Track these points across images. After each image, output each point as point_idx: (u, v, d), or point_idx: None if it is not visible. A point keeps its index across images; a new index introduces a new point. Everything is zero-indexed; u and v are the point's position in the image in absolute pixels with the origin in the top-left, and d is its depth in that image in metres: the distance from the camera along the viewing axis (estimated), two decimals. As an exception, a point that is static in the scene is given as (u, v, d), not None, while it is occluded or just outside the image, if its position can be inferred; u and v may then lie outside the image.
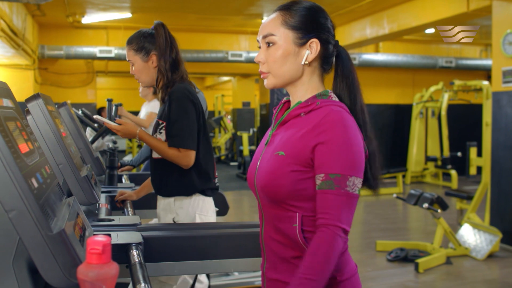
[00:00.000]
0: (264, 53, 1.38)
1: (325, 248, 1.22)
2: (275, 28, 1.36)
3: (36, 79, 9.17)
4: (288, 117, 1.38)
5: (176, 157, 2.25)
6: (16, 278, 0.95)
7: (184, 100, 2.28)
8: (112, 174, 2.90)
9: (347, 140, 1.26)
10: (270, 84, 1.39)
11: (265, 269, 1.42)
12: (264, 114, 10.93)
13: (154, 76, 2.39)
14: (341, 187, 1.23)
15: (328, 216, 1.23)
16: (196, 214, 2.32)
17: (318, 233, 1.24)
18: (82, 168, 1.93)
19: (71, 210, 1.16)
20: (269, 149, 1.38)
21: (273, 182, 1.30)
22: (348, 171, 1.24)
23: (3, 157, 0.90)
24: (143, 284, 1.18)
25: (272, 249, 1.38)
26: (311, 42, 1.35)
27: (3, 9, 5.85)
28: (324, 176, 1.24)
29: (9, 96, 1.20)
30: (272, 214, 1.36)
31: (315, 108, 1.33)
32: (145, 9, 8.62)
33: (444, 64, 10.75)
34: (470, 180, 9.00)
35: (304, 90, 1.39)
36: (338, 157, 1.24)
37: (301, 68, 1.37)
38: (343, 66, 1.42)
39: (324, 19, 1.39)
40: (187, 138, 2.25)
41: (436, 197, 5.09)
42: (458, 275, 4.84)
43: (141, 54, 2.36)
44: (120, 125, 2.33)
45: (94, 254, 0.82)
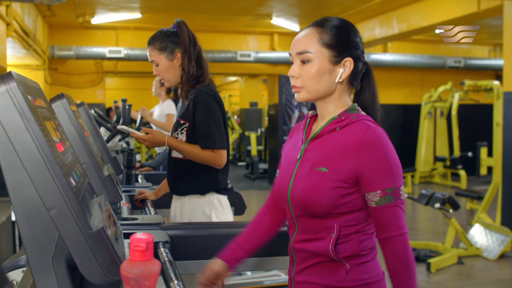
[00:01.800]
0: (299, 68, 1.40)
1: (403, 257, 1.32)
2: (310, 45, 1.38)
3: (46, 79, 9.21)
4: (322, 132, 1.41)
5: (211, 159, 2.25)
6: (55, 275, 0.96)
7: (211, 101, 2.29)
8: (130, 174, 2.91)
9: (390, 153, 1.34)
10: (302, 98, 1.43)
11: (294, 274, 1.46)
12: (273, 114, 10.93)
13: (178, 74, 2.38)
14: (398, 197, 1.33)
15: (393, 227, 1.33)
16: (212, 212, 2.31)
17: (389, 247, 1.34)
18: (103, 168, 1.94)
19: (104, 209, 1.18)
20: (305, 164, 1.40)
21: (315, 199, 1.34)
22: (398, 181, 1.33)
23: (45, 156, 0.92)
24: (176, 281, 1.19)
25: (302, 256, 1.43)
26: (345, 61, 1.39)
27: (15, 9, 5.88)
28: (381, 192, 1.32)
29: (42, 96, 1.21)
30: (307, 225, 1.40)
31: (350, 122, 1.38)
32: (155, 9, 8.64)
33: (452, 64, 10.71)
34: (479, 180, 8.99)
35: (334, 105, 1.43)
36: (388, 172, 1.32)
37: (334, 85, 1.41)
38: (369, 82, 1.47)
39: (355, 36, 1.43)
40: (219, 138, 2.26)
41: (448, 197, 5.08)
42: (470, 275, 4.84)
43: (166, 53, 2.34)
44: (147, 134, 2.30)
45: (138, 252, 0.84)
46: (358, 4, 7.88)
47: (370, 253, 1.39)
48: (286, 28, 9.76)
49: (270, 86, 11.36)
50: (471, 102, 9.74)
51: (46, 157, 0.92)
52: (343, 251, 1.35)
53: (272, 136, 11.06)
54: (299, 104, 10.68)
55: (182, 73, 2.36)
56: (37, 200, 0.92)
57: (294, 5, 8.32)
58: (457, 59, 10.78)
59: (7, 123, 0.90)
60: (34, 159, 0.91)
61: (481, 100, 9.49)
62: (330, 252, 1.34)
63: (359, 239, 1.36)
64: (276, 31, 10.38)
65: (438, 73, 11.51)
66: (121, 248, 1.13)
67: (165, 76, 2.39)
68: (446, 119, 10.73)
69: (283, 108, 10.60)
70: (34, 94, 1.09)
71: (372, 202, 1.33)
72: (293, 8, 8.49)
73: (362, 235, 1.37)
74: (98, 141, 2.45)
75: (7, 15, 5.50)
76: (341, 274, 1.36)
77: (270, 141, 11.42)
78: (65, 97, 1.74)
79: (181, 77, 2.37)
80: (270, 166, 11.35)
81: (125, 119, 3.94)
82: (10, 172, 0.92)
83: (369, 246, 1.39)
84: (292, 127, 6.79)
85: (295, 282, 1.45)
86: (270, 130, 11.31)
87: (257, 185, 11.04)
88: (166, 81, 2.42)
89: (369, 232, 1.39)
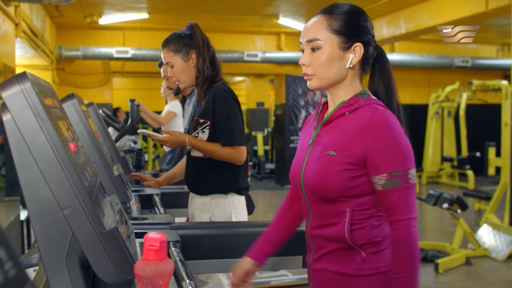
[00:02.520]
0: (309, 56, 1.41)
1: (406, 243, 1.30)
2: (319, 32, 1.39)
3: (54, 79, 9.26)
4: (332, 117, 1.42)
5: (231, 155, 2.30)
6: (68, 274, 0.97)
7: (229, 99, 2.34)
8: (139, 174, 2.92)
9: (398, 136, 1.32)
10: (314, 86, 1.43)
11: (311, 261, 1.48)
12: (279, 114, 10.92)
13: (194, 75, 2.41)
14: (405, 181, 1.31)
15: (400, 211, 1.31)
16: (232, 213, 2.35)
17: (394, 230, 1.32)
18: (113, 168, 1.95)
19: (116, 208, 1.18)
20: (316, 149, 1.41)
21: (325, 181, 1.35)
22: (407, 165, 1.31)
23: (59, 156, 0.92)
24: (187, 280, 1.20)
25: (318, 243, 1.44)
26: (355, 46, 1.39)
27: (24, 10, 5.91)
28: (387, 175, 1.30)
29: (54, 96, 1.22)
30: (320, 211, 1.41)
31: (359, 107, 1.37)
32: (162, 10, 8.66)
33: (460, 63, 10.67)
34: (487, 181, 8.94)
35: (346, 91, 1.43)
36: (395, 155, 1.31)
37: (345, 71, 1.41)
38: (381, 66, 1.47)
39: (365, 21, 1.43)
40: (239, 135, 2.31)
41: (456, 197, 5.07)
42: (478, 276, 4.82)
43: (181, 54, 2.38)
44: (168, 136, 2.33)
45: (152, 251, 0.84)
46: (365, 3, 7.86)
47: (385, 240, 1.39)
48: (293, 28, 9.76)
49: (277, 86, 11.35)
50: (479, 102, 9.70)
51: (60, 157, 0.92)
52: (358, 239, 1.36)
53: (279, 136, 11.05)
54: (306, 104, 10.67)
55: (197, 74, 2.40)
56: (51, 200, 0.93)
57: (301, 5, 8.32)
58: (465, 58, 10.74)
59: (22, 123, 0.91)
60: (48, 158, 0.92)
61: (489, 100, 9.44)
62: (347, 238, 1.35)
63: (372, 225, 1.37)
64: (283, 31, 10.38)
65: (446, 73, 11.47)
66: (133, 247, 1.14)
67: (180, 77, 2.42)
68: (454, 119, 10.70)
69: (290, 108, 10.59)
70: (47, 94, 1.10)
71: (379, 186, 1.32)
72: (300, 8, 8.49)
73: (375, 221, 1.37)
74: (107, 141, 2.46)
75: (16, 16, 5.53)
76: (358, 262, 1.37)
77: (276, 141, 11.41)
78: (75, 97, 1.74)
79: (196, 78, 2.41)
80: (277, 166, 11.35)
81: (134, 119, 3.95)
82: (24, 171, 0.92)
83: (383, 233, 1.39)
84: (299, 127, 6.84)
85: (313, 270, 1.47)
86: (277, 130, 11.31)
87: (263, 185, 11.04)
88: (181, 83, 2.44)
89: (382, 217, 1.39)
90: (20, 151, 0.92)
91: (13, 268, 0.49)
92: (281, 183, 10.82)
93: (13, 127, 0.91)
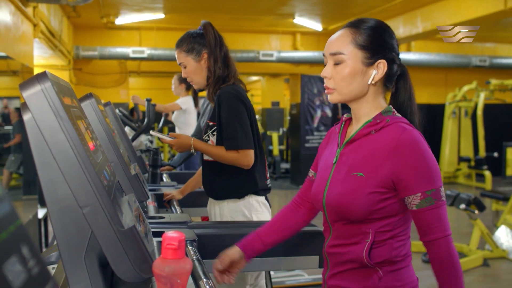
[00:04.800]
0: (331, 69, 1.40)
1: (448, 260, 1.31)
2: (344, 46, 1.38)
3: (71, 79, 9.34)
4: (358, 136, 1.40)
5: (236, 159, 2.22)
6: (87, 272, 0.98)
7: (234, 101, 2.25)
8: (155, 173, 2.94)
9: (426, 155, 1.32)
10: (334, 100, 1.42)
11: (327, 277, 1.47)
12: (295, 114, 10.91)
13: (206, 76, 2.37)
14: (438, 199, 1.31)
15: (438, 229, 1.31)
16: (253, 214, 2.29)
17: (435, 249, 1.33)
18: (130, 167, 1.96)
19: (134, 207, 1.19)
20: (341, 169, 1.40)
21: (351, 204, 1.34)
22: (438, 183, 1.32)
23: (78, 156, 0.93)
24: (205, 279, 1.20)
25: (336, 260, 1.42)
26: (378, 63, 1.37)
27: (42, 11, 5.98)
28: (421, 195, 1.30)
29: (73, 96, 1.23)
30: (342, 230, 1.40)
31: (386, 125, 1.36)
32: (178, 9, 8.69)
33: (478, 63, 10.55)
34: (504, 181, 8.85)
35: (368, 107, 1.42)
36: (427, 174, 1.31)
37: (366, 87, 1.39)
38: (404, 84, 1.45)
39: (391, 38, 1.41)
40: (243, 138, 2.22)
41: (473, 198, 5.02)
42: (495, 278, 4.77)
43: (192, 55, 2.34)
44: (175, 139, 2.31)
45: (170, 250, 0.85)
46: (382, 3, 7.82)
47: (404, 259, 1.38)
48: (309, 28, 9.73)
49: (292, 85, 11.34)
50: (496, 101, 9.59)
51: (80, 156, 0.93)
52: (376, 257, 1.34)
53: (294, 136, 11.03)
54: (321, 104, 10.64)
55: (208, 75, 2.35)
56: (70, 198, 0.94)
57: (317, 4, 8.30)
58: (482, 58, 10.62)
59: (42, 122, 0.92)
60: (68, 158, 0.93)
61: (508, 100, 9.33)
62: (364, 258, 1.34)
63: (393, 245, 1.35)
64: (298, 30, 10.36)
65: (463, 72, 11.36)
66: (151, 246, 1.14)
67: (193, 78, 2.38)
68: (471, 119, 10.59)
69: (305, 108, 10.57)
70: (67, 94, 1.11)
71: (413, 206, 1.32)
72: (316, 7, 8.47)
73: (396, 241, 1.36)
74: (124, 141, 2.48)
75: (34, 17, 5.59)
76: (374, 281, 1.35)
77: (292, 141, 11.40)
78: (93, 96, 1.76)
79: (207, 78, 2.36)
80: (292, 165, 11.33)
81: (150, 118, 3.97)
82: (45, 171, 0.93)
83: (403, 253, 1.37)
84: (315, 126, 6.79)
85: (328, 286, 1.46)
86: (292, 130, 11.29)
87: (279, 184, 11.03)
88: (195, 84, 2.41)
89: (403, 238, 1.38)
90: (40, 150, 0.93)
91: (36, 266, 0.50)
92: (296, 182, 10.81)
93: (34, 127, 0.92)
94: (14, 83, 4.82)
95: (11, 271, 0.46)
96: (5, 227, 0.49)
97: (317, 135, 10.59)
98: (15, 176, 5.01)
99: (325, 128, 10.59)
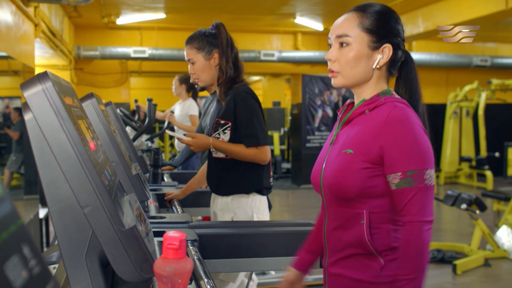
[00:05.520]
0: (336, 52, 1.39)
1: (415, 245, 1.26)
2: (350, 29, 1.37)
3: (72, 79, 9.34)
4: (353, 116, 1.40)
5: (255, 156, 2.29)
6: (88, 271, 0.98)
7: (250, 99, 2.33)
8: (156, 173, 2.94)
9: (415, 134, 1.29)
10: (338, 83, 1.41)
11: (327, 264, 1.45)
12: (296, 114, 10.91)
13: (214, 75, 2.42)
14: (420, 181, 1.26)
15: (412, 213, 1.27)
16: (254, 213, 2.34)
17: (405, 231, 1.28)
18: (131, 167, 1.96)
19: (135, 207, 1.19)
20: (335, 148, 1.40)
21: (342, 180, 1.32)
22: (423, 164, 1.27)
23: (79, 155, 0.93)
24: (205, 279, 1.20)
25: (335, 246, 1.41)
26: (384, 47, 1.37)
27: (43, 10, 5.98)
28: (401, 174, 1.27)
29: (74, 96, 1.23)
30: (338, 212, 1.38)
31: (379, 105, 1.35)
32: (179, 9, 8.70)
33: (479, 63, 10.54)
34: (506, 181, 8.84)
35: (371, 92, 1.41)
36: (411, 153, 1.27)
37: (371, 71, 1.39)
38: (408, 71, 1.45)
39: (397, 23, 1.41)
40: (262, 135, 2.31)
41: (474, 198, 5.01)
42: (496, 278, 4.76)
43: (203, 52, 2.39)
44: (192, 139, 2.34)
45: (171, 249, 0.85)
46: (383, 2, 7.81)
47: None
48: (310, 28, 9.73)
49: (293, 85, 11.34)
50: (498, 101, 9.58)
51: (81, 156, 0.93)
52: (377, 244, 1.33)
53: (295, 136, 11.03)
54: (322, 104, 10.64)
55: (219, 74, 2.41)
56: (71, 198, 0.94)
57: (318, 4, 8.29)
58: (484, 57, 10.60)
59: (43, 122, 0.92)
60: (69, 158, 0.93)
61: (509, 100, 9.32)
62: (367, 242, 1.32)
63: (390, 229, 1.34)
64: (299, 30, 10.35)
65: (464, 72, 11.34)
66: (152, 245, 1.14)
67: (200, 75, 2.43)
68: (472, 118, 10.58)
69: (307, 108, 10.57)
70: (68, 94, 1.11)
71: (393, 185, 1.29)
72: (317, 7, 8.46)
73: (393, 225, 1.34)
74: (125, 140, 2.49)
75: (35, 16, 5.59)
76: (376, 270, 1.34)
77: (293, 141, 11.40)
78: (94, 96, 1.76)
79: (218, 78, 2.42)
80: (293, 165, 11.34)
81: (151, 118, 3.97)
82: (46, 170, 0.93)
83: None
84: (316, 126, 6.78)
85: (329, 274, 1.45)
86: (293, 130, 11.29)
87: (280, 184, 11.03)
88: (200, 81, 2.45)
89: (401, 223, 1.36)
90: (41, 150, 0.93)
91: (37, 266, 0.50)
92: (297, 182, 10.80)
93: (35, 126, 0.92)
94: (15, 83, 4.82)
95: (12, 271, 0.46)
96: (6, 226, 0.49)
97: (318, 135, 10.59)
98: (16, 176, 5.02)
99: (326, 128, 10.58)
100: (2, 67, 4.60)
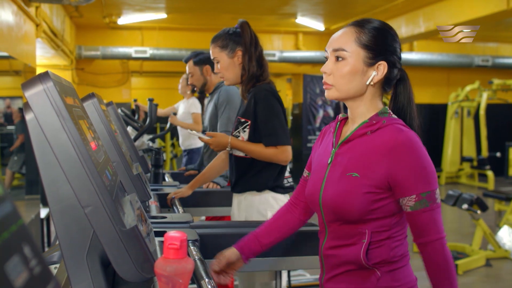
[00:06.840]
0: (332, 65, 1.39)
1: (443, 263, 1.31)
2: (347, 44, 1.38)
3: (74, 79, 9.35)
4: (353, 136, 1.40)
5: (275, 155, 2.28)
6: (89, 271, 0.98)
7: (271, 98, 2.31)
8: (158, 173, 2.94)
9: (423, 158, 1.32)
10: (332, 96, 1.42)
11: (324, 281, 1.46)
12: (297, 114, 10.91)
13: (238, 73, 2.42)
14: (433, 201, 1.31)
15: (432, 232, 1.32)
16: (268, 211, 2.31)
17: (429, 252, 1.33)
18: (133, 166, 1.96)
19: (136, 207, 1.19)
20: (337, 169, 1.39)
21: (346, 204, 1.33)
22: (433, 185, 1.31)
23: (80, 155, 0.93)
24: (206, 279, 1.20)
25: (332, 263, 1.42)
26: (379, 64, 1.37)
27: (44, 11, 5.99)
28: (416, 197, 1.30)
29: (75, 96, 1.23)
30: (339, 231, 1.39)
31: (382, 127, 1.36)
32: (180, 9, 8.70)
33: (480, 63, 10.53)
34: (507, 181, 8.83)
35: (365, 108, 1.41)
36: (422, 176, 1.30)
37: (365, 87, 1.39)
38: (404, 90, 1.45)
39: (394, 41, 1.41)
40: (282, 134, 2.28)
41: (476, 198, 5.01)
42: (498, 278, 4.76)
43: (226, 51, 2.40)
44: (212, 138, 2.34)
45: (172, 249, 0.85)
46: (384, 2, 7.81)
47: (401, 259, 1.38)
48: (311, 28, 9.73)
49: (294, 85, 11.33)
50: (499, 101, 9.57)
51: (82, 156, 0.93)
52: (374, 258, 1.34)
53: (296, 136, 11.03)
54: (323, 104, 10.64)
55: (242, 72, 2.41)
56: (72, 198, 0.94)
57: (319, 4, 8.29)
58: (485, 57, 10.60)
59: (44, 122, 0.92)
60: (70, 157, 0.93)
61: (510, 100, 9.32)
62: (362, 259, 1.33)
63: (390, 245, 1.35)
64: (300, 30, 10.35)
65: (465, 72, 11.34)
66: (153, 245, 1.14)
67: (225, 74, 2.44)
68: (474, 118, 10.57)
69: (308, 108, 10.56)
70: (69, 94, 1.11)
71: (407, 207, 1.31)
72: (318, 7, 8.46)
73: (393, 241, 1.36)
74: (126, 140, 2.49)
75: (37, 16, 5.60)
76: (372, 282, 1.35)
77: (294, 141, 11.39)
78: (95, 96, 1.76)
79: (242, 76, 2.42)
80: (294, 165, 11.33)
81: (152, 118, 3.97)
82: (47, 170, 0.93)
83: (400, 252, 1.37)
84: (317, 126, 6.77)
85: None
86: (294, 130, 11.29)
87: (281, 184, 11.01)
88: (225, 80, 2.46)
89: (400, 238, 1.38)
90: (42, 150, 0.93)
91: (38, 266, 0.50)
92: (298, 182, 10.78)
93: (36, 126, 0.92)
94: (17, 83, 4.83)
95: (13, 271, 0.46)
96: (7, 226, 0.49)
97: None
98: (17, 176, 5.02)
99: (327, 128, 10.57)
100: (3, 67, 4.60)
